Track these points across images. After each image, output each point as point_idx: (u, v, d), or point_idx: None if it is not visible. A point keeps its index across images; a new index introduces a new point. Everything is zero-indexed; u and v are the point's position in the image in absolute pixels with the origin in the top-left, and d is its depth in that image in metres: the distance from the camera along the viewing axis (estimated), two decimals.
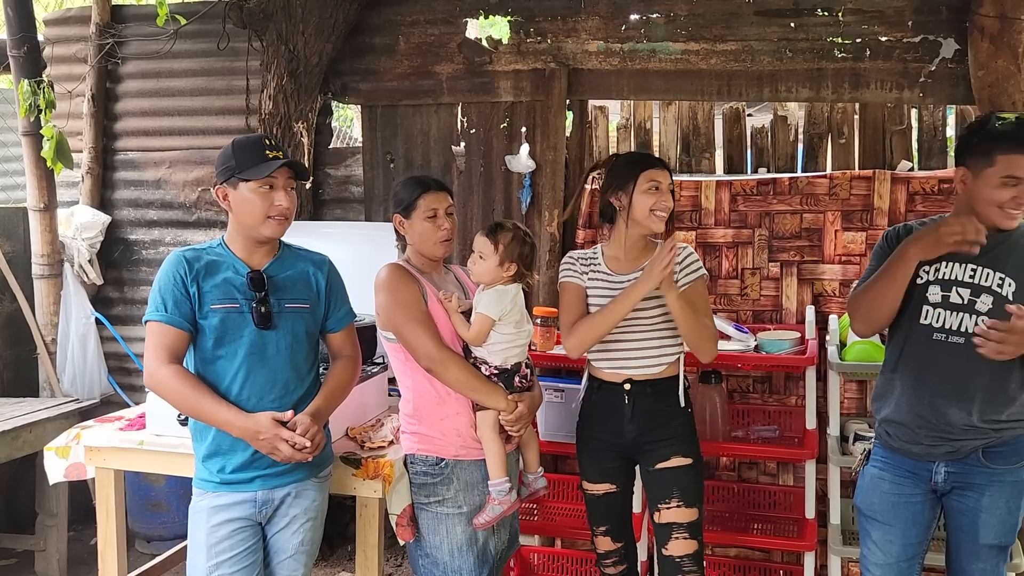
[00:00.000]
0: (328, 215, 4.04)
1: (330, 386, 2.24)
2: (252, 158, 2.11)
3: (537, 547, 3.51)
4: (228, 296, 2.12)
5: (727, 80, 3.56)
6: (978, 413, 2.17)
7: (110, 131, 4.30)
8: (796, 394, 3.43)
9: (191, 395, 2.06)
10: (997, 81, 3.15)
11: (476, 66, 3.79)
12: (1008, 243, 2.17)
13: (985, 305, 2.15)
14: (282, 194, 2.13)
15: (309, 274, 2.25)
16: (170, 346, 2.07)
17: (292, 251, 2.28)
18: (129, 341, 4.18)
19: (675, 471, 2.44)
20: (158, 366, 2.07)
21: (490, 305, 2.34)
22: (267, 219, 2.12)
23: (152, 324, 2.09)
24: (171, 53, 4.06)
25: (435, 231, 2.38)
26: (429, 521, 2.38)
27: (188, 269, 2.10)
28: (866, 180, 3.39)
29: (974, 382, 2.17)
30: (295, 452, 2.04)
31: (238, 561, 2.13)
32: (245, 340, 2.11)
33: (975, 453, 2.19)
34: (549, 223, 3.66)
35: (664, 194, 2.40)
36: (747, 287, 3.52)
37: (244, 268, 2.16)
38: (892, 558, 2.30)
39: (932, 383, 2.21)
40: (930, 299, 2.22)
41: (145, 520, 3.84)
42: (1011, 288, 2.14)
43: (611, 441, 2.50)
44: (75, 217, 4.13)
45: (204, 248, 2.19)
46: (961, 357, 2.17)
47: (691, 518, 2.43)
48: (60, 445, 2.67)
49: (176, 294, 2.08)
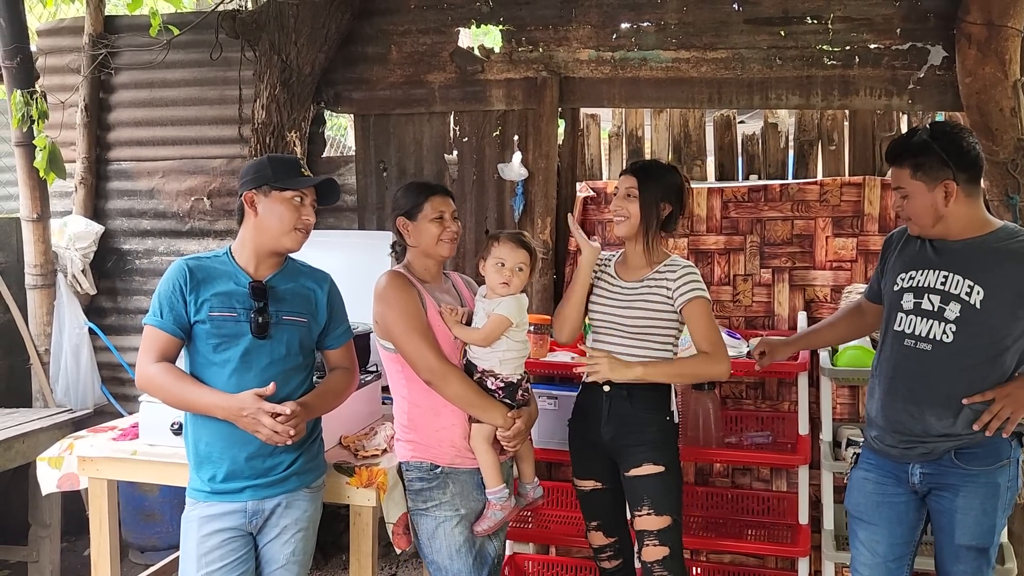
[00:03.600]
0: (321, 224, 3.98)
1: (323, 387, 2.27)
2: (289, 172, 2.19)
3: (532, 555, 3.50)
4: (227, 306, 2.15)
5: (718, 88, 3.58)
6: (951, 418, 2.20)
7: (103, 141, 4.30)
8: (789, 400, 3.44)
9: (177, 385, 2.10)
10: (985, 88, 3.17)
11: (468, 75, 3.81)
12: (981, 250, 2.20)
13: (953, 313, 2.19)
14: (310, 210, 2.22)
15: (310, 290, 2.28)
16: (161, 350, 2.13)
17: (295, 266, 2.31)
18: (122, 351, 4.17)
19: (646, 479, 2.46)
20: (147, 365, 2.13)
21: (512, 310, 2.35)
22: (293, 231, 2.18)
23: (148, 328, 2.15)
24: (164, 63, 4.07)
25: (441, 232, 2.39)
26: (427, 525, 2.39)
27: (189, 278, 2.14)
28: (856, 186, 3.42)
29: (946, 388, 2.20)
30: (276, 428, 2.04)
31: (229, 571, 2.14)
32: (239, 348, 2.13)
33: (948, 455, 2.22)
34: (542, 231, 3.67)
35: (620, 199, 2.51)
36: (739, 293, 3.54)
37: (246, 279, 2.18)
38: (879, 558, 2.33)
39: (904, 388, 2.26)
40: (904, 306, 2.27)
41: (139, 530, 3.83)
42: (979, 296, 2.16)
43: (593, 441, 2.55)
44: (68, 227, 4.13)
45: (208, 257, 2.23)
46: (930, 363, 2.21)
47: (661, 525, 2.45)
48: (53, 455, 2.66)
49: (173, 301, 2.13)
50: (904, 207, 2.24)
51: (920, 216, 2.22)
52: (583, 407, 2.60)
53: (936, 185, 2.17)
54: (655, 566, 2.47)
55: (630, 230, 2.49)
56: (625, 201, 2.48)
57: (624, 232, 2.50)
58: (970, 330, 2.17)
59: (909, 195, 2.21)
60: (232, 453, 2.14)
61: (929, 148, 2.17)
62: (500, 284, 2.37)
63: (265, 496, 2.17)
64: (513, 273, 2.37)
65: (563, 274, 3.71)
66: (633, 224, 2.48)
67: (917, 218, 2.23)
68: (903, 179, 2.22)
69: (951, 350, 2.19)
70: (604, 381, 2.47)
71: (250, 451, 2.14)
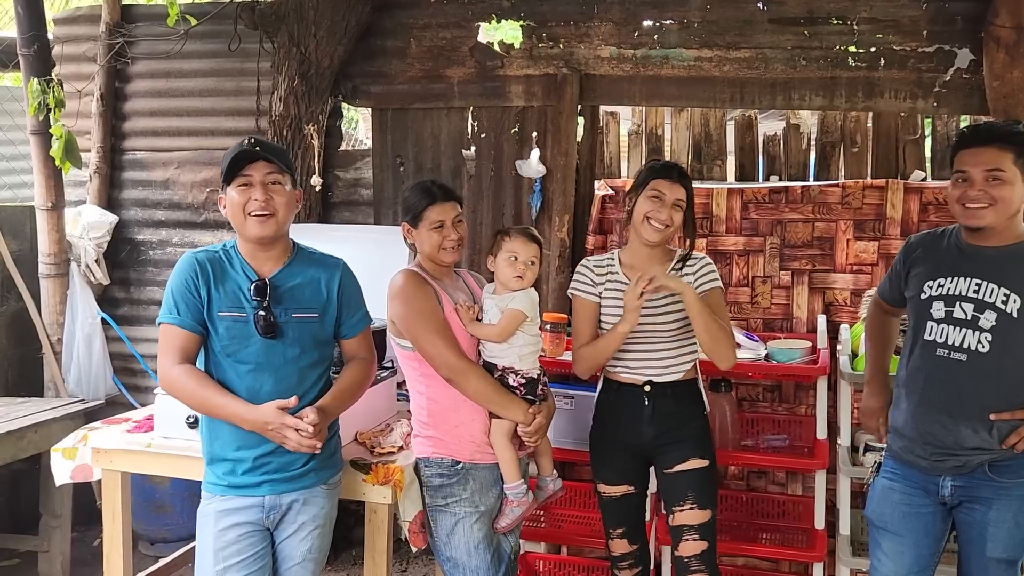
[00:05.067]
0: (337, 217, 4.03)
1: (340, 386, 2.21)
2: (234, 162, 2.09)
3: (543, 554, 3.48)
4: (235, 304, 2.11)
5: (740, 87, 3.54)
6: (986, 431, 2.15)
7: (118, 131, 4.29)
8: (806, 403, 3.41)
9: (201, 391, 2.06)
10: (1012, 92, 3.13)
11: (487, 70, 3.78)
12: (1017, 257, 2.16)
13: (988, 322, 2.14)
14: (259, 191, 2.08)
15: (319, 281, 2.20)
16: (182, 348, 2.08)
17: (305, 255, 2.24)
18: (135, 342, 4.16)
19: (691, 473, 2.47)
20: (170, 367, 2.07)
21: (525, 304, 2.34)
22: (247, 218, 2.09)
23: (164, 327, 2.10)
24: (181, 53, 4.05)
25: (441, 241, 2.36)
26: (447, 521, 2.37)
27: (199, 272, 2.10)
28: (879, 189, 3.38)
29: (981, 399, 2.15)
30: (302, 440, 2.01)
31: (246, 566, 2.11)
32: (252, 349, 2.10)
33: (982, 467, 2.18)
34: (559, 228, 3.64)
35: (665, 206, 2.40)
36: (758, 295, 3.51)
37: (253, 275, 2.14)
38: (904, 569, 2.29)
39: (937, 400, 2.20)
40: (934, 315, 2.21)
41: (149, 522, 3.82)
42: (1016, 305, 2.12)
43: (628, 442, 2.52)
44: (82, 217, 4.12)
45: (216, 250, 2.18)
46: (964, 374, 2.16)
47: (703, 519, 2.46)
48: (67, 446, 2.64)
49: (188, 296, 2.08)
50: (990, 191, 2.11)
51: (1007, 204, 2.12)
52: (613, 408, 2.55)
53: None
54: (692, 561, 2.46)
55: (664, 238, 2.45)
56: (672, 211, 2.42)
57: (660, 239, 2.45)
58: (1007, 340, 2.13)
59: (1006, 180, 2.11)
60: (250, 449, 2.11)
61: None
62: (514, 278, 2.36)
63: (283, 491, 2.15)
64: (526, 267, 2.36)
65: None
66: (670, 233, 2.45)
67: (1004, 205, 2.12)
68: (1005, 161, 2.11)
69: (988, 360, 2.14)
70: (645, 381, 2.46)
71: (268, 447, 2.11)
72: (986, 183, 2.12)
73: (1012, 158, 2.11)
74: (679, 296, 2.38)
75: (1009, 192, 2.11)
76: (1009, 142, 2.12)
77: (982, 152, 2.14)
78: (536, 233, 2.44)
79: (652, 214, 2.42)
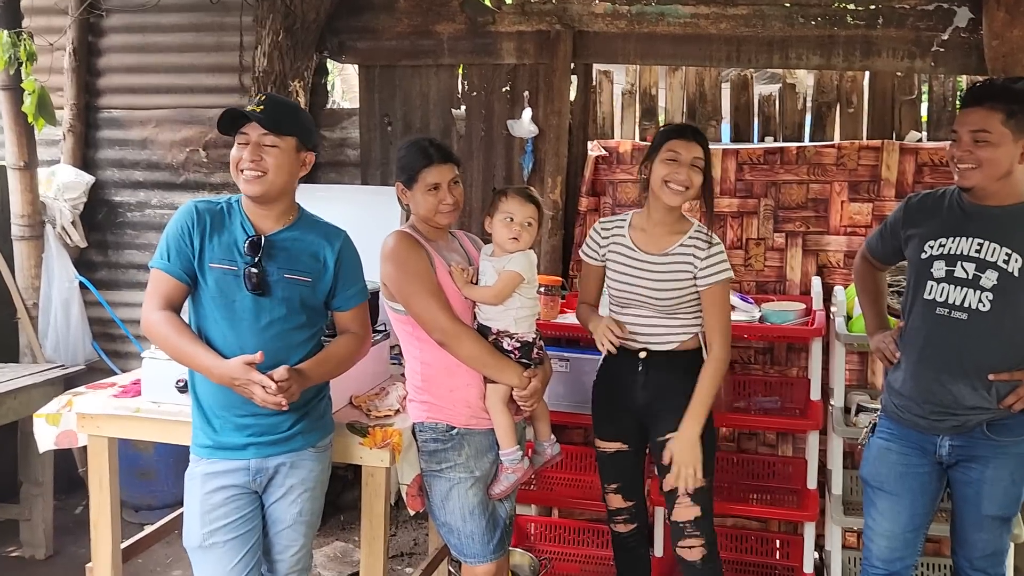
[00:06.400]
0: (323, 178, 3.93)
1: (324, 354, 2.17)
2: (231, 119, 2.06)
3: (534, 516, 3.48)
4: (228, 257, 2.07)
5: (736, 46, 3.49)
6: (985, 390, 2.16)
7: (93, 88, 4.15)
8: (797, 365, 3.41)
9: (175, 338, 2.04)
10: (1012, 51, 3.11)
11: (478, 26, 3.68)
12: (1019, 217, 2.14)
13: (990, 281, 2.13)
14: (250, 149, 2.05)
15: (318, 247, 2.16)
16: (166, 294, 2.07)
17: (309, 221, 2.20)
18: (115, 306, 4.06)
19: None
20: (151, 311, 2.07)
21: (523, 265, 2.30)
22: (239, 173, 2.07)
23: (154, 271, 2.09)
24: (158, 6, 3.92)
25: (437, 204, 2.30)
26: (441, 487, 2.35)
27: (196, 221, 2.07)
28: (874, 150, 3.35)
29: (981, 358, 2.15)
30: (266, 397, 1.97)
31: (233, 529, 2.10)
32: (238, 304, 2.06)
33: (980, 427, 2.19)
34: (552, 190, 3.59)
35: (683, 166, 2.34)
36: (751, 257, 3.49)
37: (251, 231, 2.10)
38: (899, 528, 2.31)
39: (937, 359, 2.20)
40: (934, 274, 2.20)
41: (133, 489, 3.75)
42: (1018, 264, 2.11)
43: (623, 404, 2.52)
44: (56, 177, 3.98)
45: (220, 202, 2.15)
46: (965, 333, 2.16)
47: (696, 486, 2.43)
48: (51, 412, 2.56)
49: (180, 244, 2.07)
50: (976, 152, 2.10)
51: (994, 166, 2.10)
52: (613, 372, 2.55)
53: (1021, 139, 2.09)
54: (687, 526, 2.45)
55: (685, 201, 2.39)
56: (691, 172, 2.35)
57: (679, 202, 2.38)
58: (1008, 299, 2.12)
59: (991, 141, 2.09)
60: (233, 410, 2.08)
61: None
62: (510, 239, 2.30)
63: (269, 454, 2.11)
64: (523, 228, 2.30)
65: (572, 235, 3.64)
66: (690, 195, 2.38)
67: (989, 167, 2.10)
68: (991, 122, 2.09)
69: (988, 319, 2.14)
70: (640, 348, 2.44)
71: (251, 408, 2.06)
72: (972, 144, 2.11)
73: (1001, 118, 2.09)
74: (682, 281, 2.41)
75: (993, 153, 2.09)
76: (999, 101, 2.09)
77: (970, 112, 2.13)
78: (534, 193, 2.38)
79: (670, 176, 2.35)
